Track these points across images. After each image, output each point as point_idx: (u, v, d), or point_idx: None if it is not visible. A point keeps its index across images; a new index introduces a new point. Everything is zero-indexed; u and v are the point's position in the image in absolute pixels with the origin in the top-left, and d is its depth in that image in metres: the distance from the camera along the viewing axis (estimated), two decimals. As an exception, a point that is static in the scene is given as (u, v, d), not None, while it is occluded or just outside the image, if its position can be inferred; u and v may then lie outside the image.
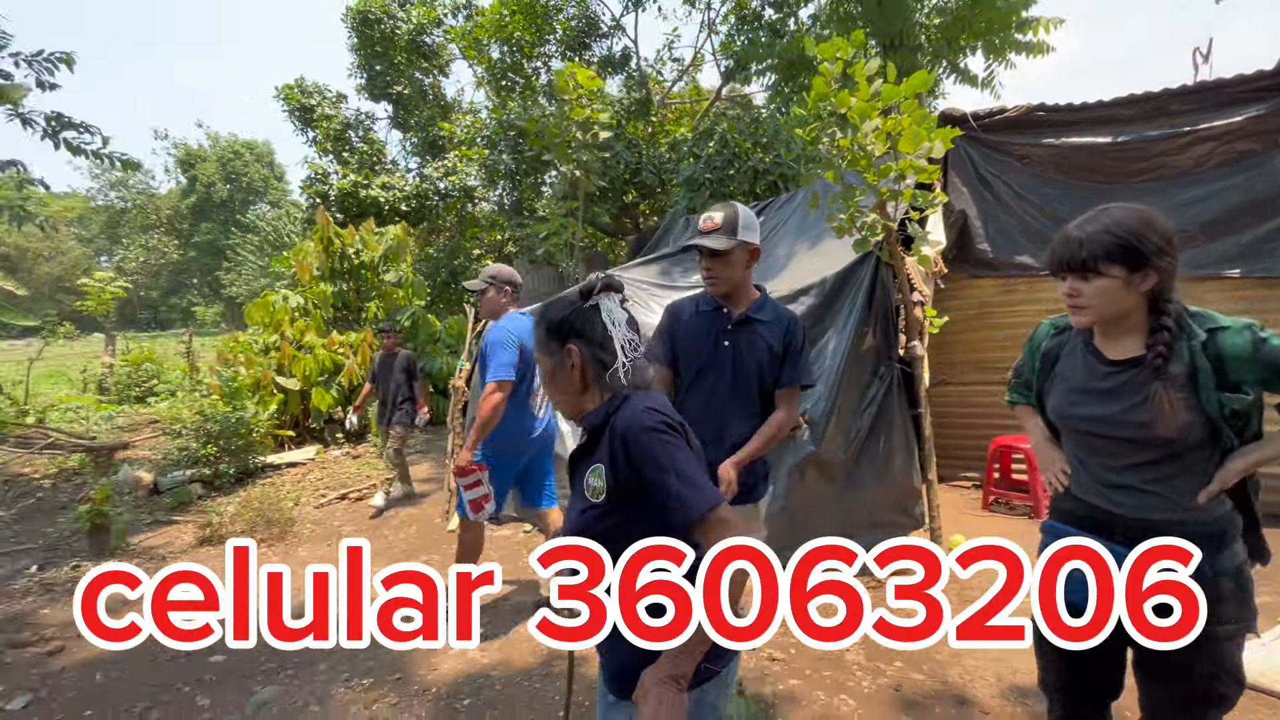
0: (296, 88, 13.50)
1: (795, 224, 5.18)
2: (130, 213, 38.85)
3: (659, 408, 1.24)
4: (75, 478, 6.58)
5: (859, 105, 3.21)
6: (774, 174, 7.61)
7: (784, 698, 2.50)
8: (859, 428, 3.75)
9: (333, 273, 8.84)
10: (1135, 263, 1.32)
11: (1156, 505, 1.38)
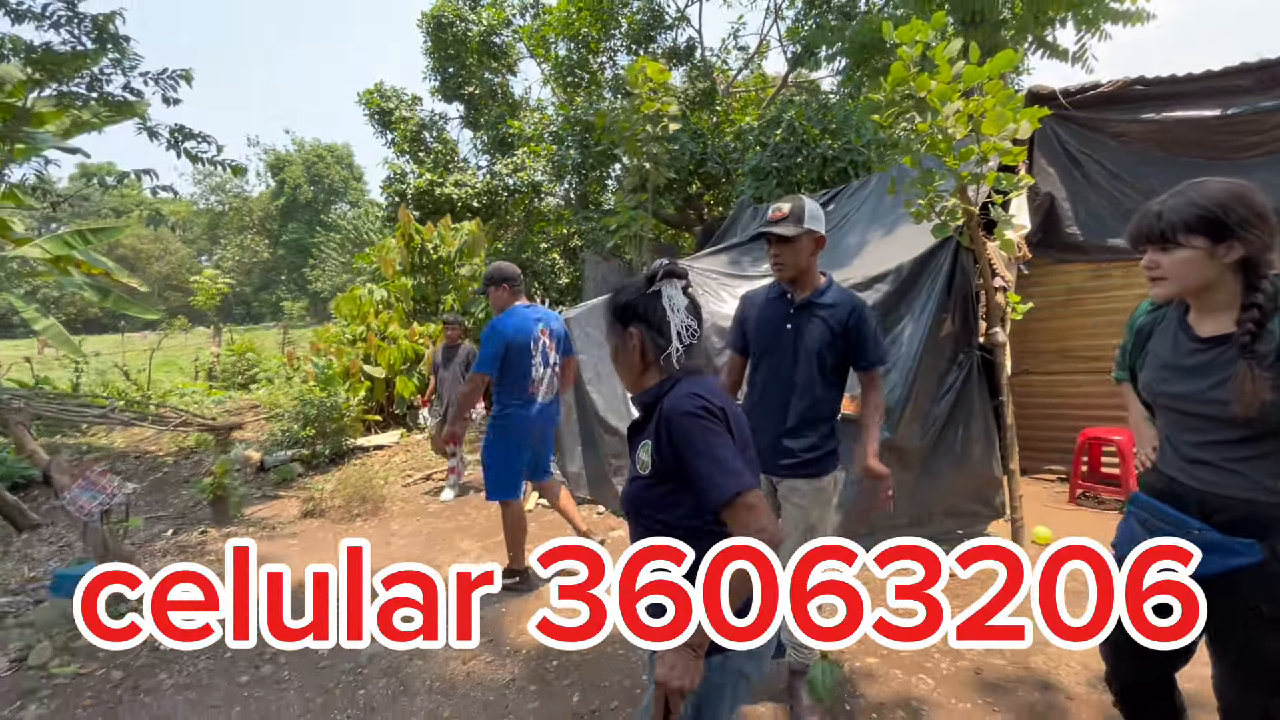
0: (376, 92, 14.21)
1: (868, 211, 5.11)
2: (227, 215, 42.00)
3: (703, 393, 1.29)
4: (193, 455, 7.28)
5: (939, 88, 3.16)
6: (844, 161, 7.47)
7: (861, 674, 2.55)
8: (936, 415, 3.70)
9: (413, 267, 9.32)
10: (1218, 234, 1.30)
11: (1234, 483, 1.36)
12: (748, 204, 7.05)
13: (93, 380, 10.58)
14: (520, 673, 2.73)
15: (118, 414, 6.24)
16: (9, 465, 5.94)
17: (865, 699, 2.39)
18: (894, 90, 3.42)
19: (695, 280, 5.00)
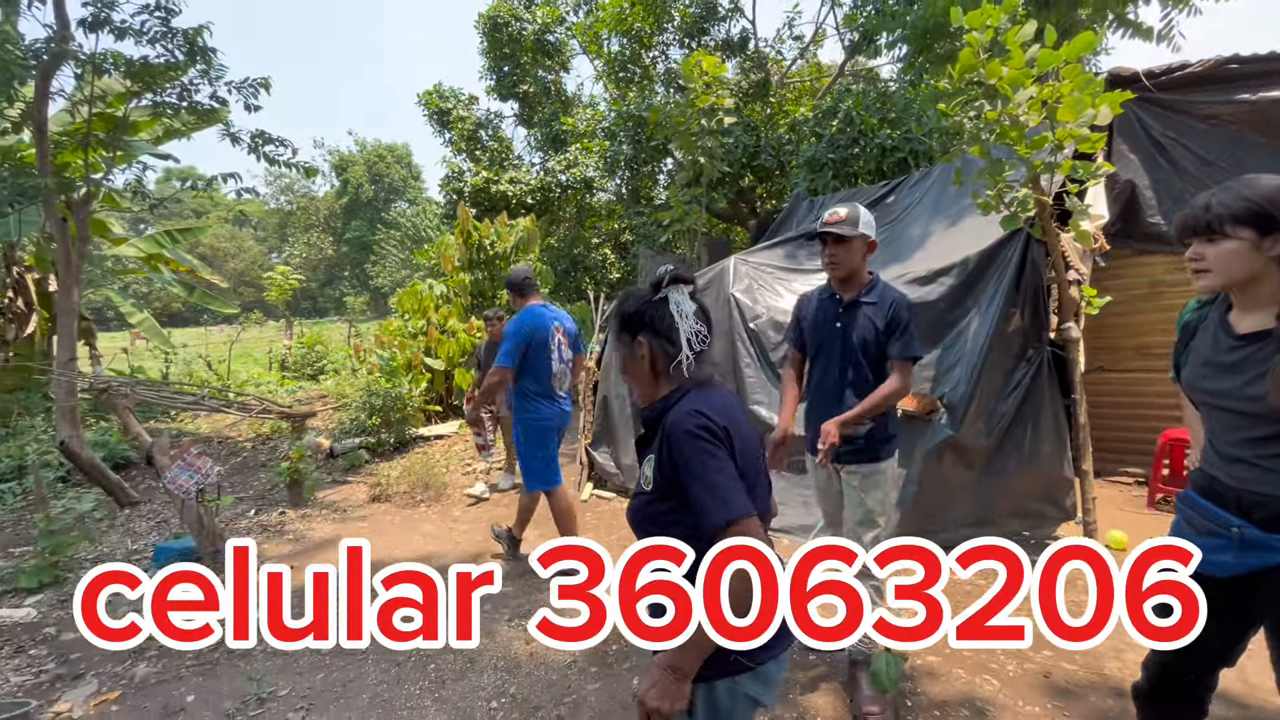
0: (435, 93, 14.65)
1: (930, 202, 4.97)
2: (295, 214, 44.13)
3: (706, 410, 1.24)
4: (269, 441, 7.74)
5: (1011, 74, 3.06)
6: (903, 151, 7.26)
7: (922, 671, 2.52)
8: (1003, 413, 3.59)
9: (470, 263, 9.60)
10: (1266, 227, 1.31)
11: (1269, 480, 1.36)
12: (803, 197, 6.95)
13: (180, 370, 11.37)
14: (581, 655, 2.82)
15: (206, 401, 6.70)
16: (111, 447, 6.47)
17: (927, 696, 2.37)
18: (961, 78, 3.33)
19: (751, 274, 5.01)
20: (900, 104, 7.56)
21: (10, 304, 7.72)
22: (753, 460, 1.29)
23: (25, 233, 7.40)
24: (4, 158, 5.71)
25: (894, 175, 6.94)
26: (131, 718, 2.53)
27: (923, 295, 3.80)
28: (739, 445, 1.24)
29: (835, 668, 2.55)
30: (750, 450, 1.28)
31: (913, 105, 7.58)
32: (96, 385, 4.49)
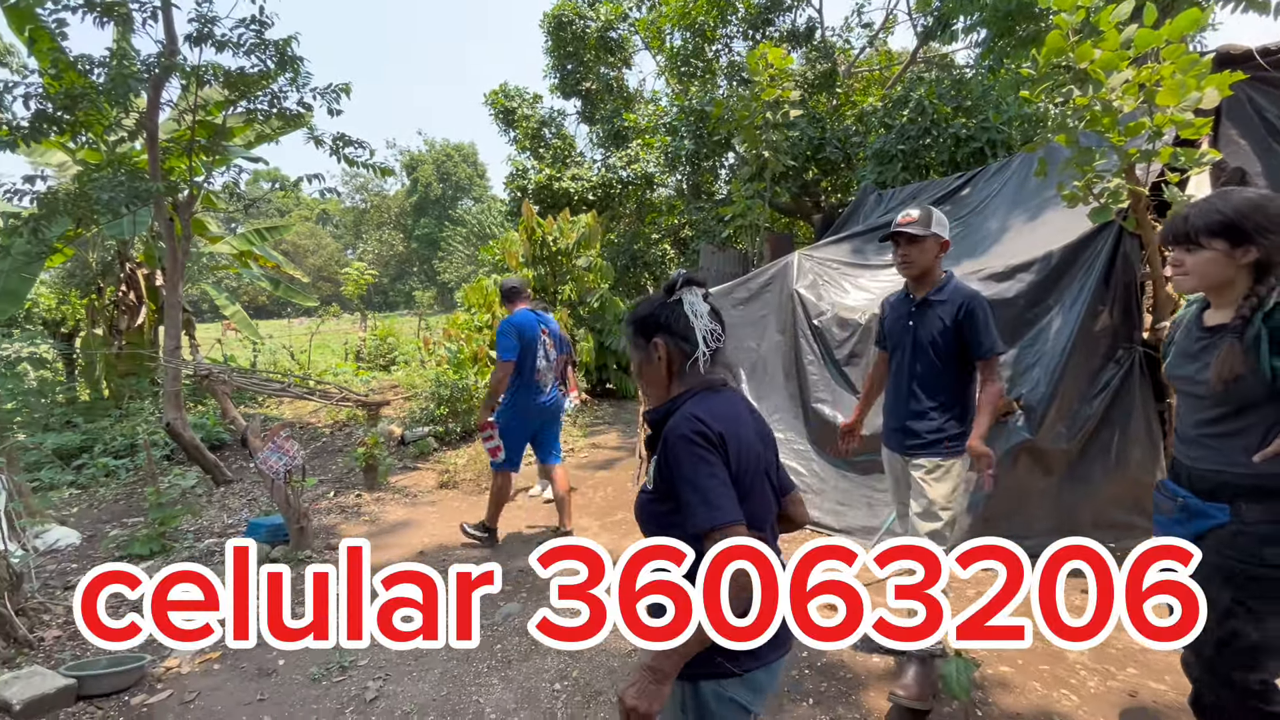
0: (501, 92, 15.03)
1: (1009, 194, 4.73)
2: (369, 212, 46.31)
3: (704, 415, 1.25)
4: (345, 428, 8.19)
5: (1104, 57, 2.88)
6: (980, 140, 6.93)
7: (994, 682, 2.43)
8: (1088, 415, 3.40)
9: (534, 259, 9.82)
10: (1236, 238, 1.48)
11: (1210, 458, 1.56)
12: (870, 190, 6.75)
13: (265, 360, 12.16)
14: (639, 647, 2.87)
15: (291, 389, 7.15)
16: (208, 429, 7.01)
17: (999, 707, 2.29)
18: (1047, 62, 3.16)
19: (816, 270, 4.92)
20: (977, 91, 7.21)
21: (123, 297, 8.47)
22: (752, 466, 1.29)
23: (137, 232, 8.09)
24: (121, 163, 6.25)
25: (969, 166, 6.63)
26: (232, 675, 2.76)
27: (999, 292, 3.64)
28: (736, 451, 1.25)
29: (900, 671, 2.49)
30: (750, 456, 1.28)
31: (991, 92, 7.21)
32: (199, 372, 4.88)
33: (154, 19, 5.32)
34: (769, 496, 1.36)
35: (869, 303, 4.43)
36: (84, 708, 2.54)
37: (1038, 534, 3.36)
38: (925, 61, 13.07)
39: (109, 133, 6.33)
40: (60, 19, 5.12)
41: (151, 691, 2.66)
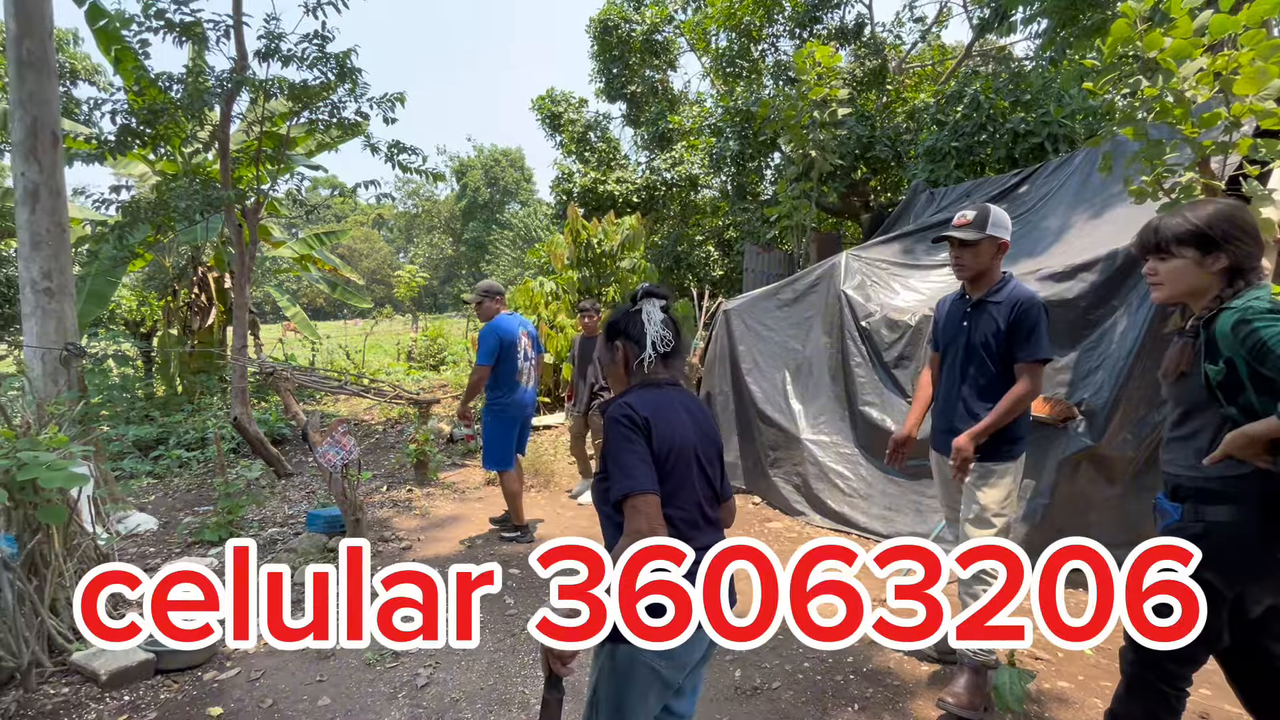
0: (547, 98, 15.28)
1: (1071, 191, 4.54)
2: (420, 217, 47.72)
3: (634, 403, 1.43)
4: (397, 425, 8.47)
5: (1176, 45, 2.74)
6: (1039, 135, 6.65)
7: (1051, 696, 2.34)
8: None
9: (579, 261, 9.94)
10: (1206, 246, 1.53)
11: (1171, 460, 1.64)
12: (922, 188, 6.57)
13: (323, 359, 12.70)
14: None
15: (348, 386, 7.45)
16: (270, 424, 7.37)
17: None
18: (1113, 52, 3.02)
19: (864, 271, 4.83)
20: (1037, 84, 6.93)
21: (196, 299, 8.99)
22: (678, 452, 1.43)
23: (209, 237, 8.58)
24: (195, 173, 6.65)
25: (1027, 163, 6.38)
26: (293, 656, 2.90)
27: (1059, 293, 3.50)
28: (660, 434, 1.41)
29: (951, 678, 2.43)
30: (678, 446, 1.43)
31: (1052, 85, 6.92)
32: (264, 370, 5.14)
33: (226, 37, 5.64)
34: (698, 483, 1.48)
35: (920, 304, 4.32)
36: (161, 681, 2.72)
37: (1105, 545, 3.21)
38: (981, 55, 12.64)
39: (185, 145, 6.74)
40: (144, 39, 5.48)
41: (221, 668, 2.82)
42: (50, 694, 2.59)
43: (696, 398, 1.63)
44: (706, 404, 5.45)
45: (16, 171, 4.36)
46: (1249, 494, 1.48)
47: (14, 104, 4.32)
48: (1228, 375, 1.48)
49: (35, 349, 4.28)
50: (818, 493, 4.47)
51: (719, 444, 1.61)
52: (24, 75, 4.29)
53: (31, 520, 2.67)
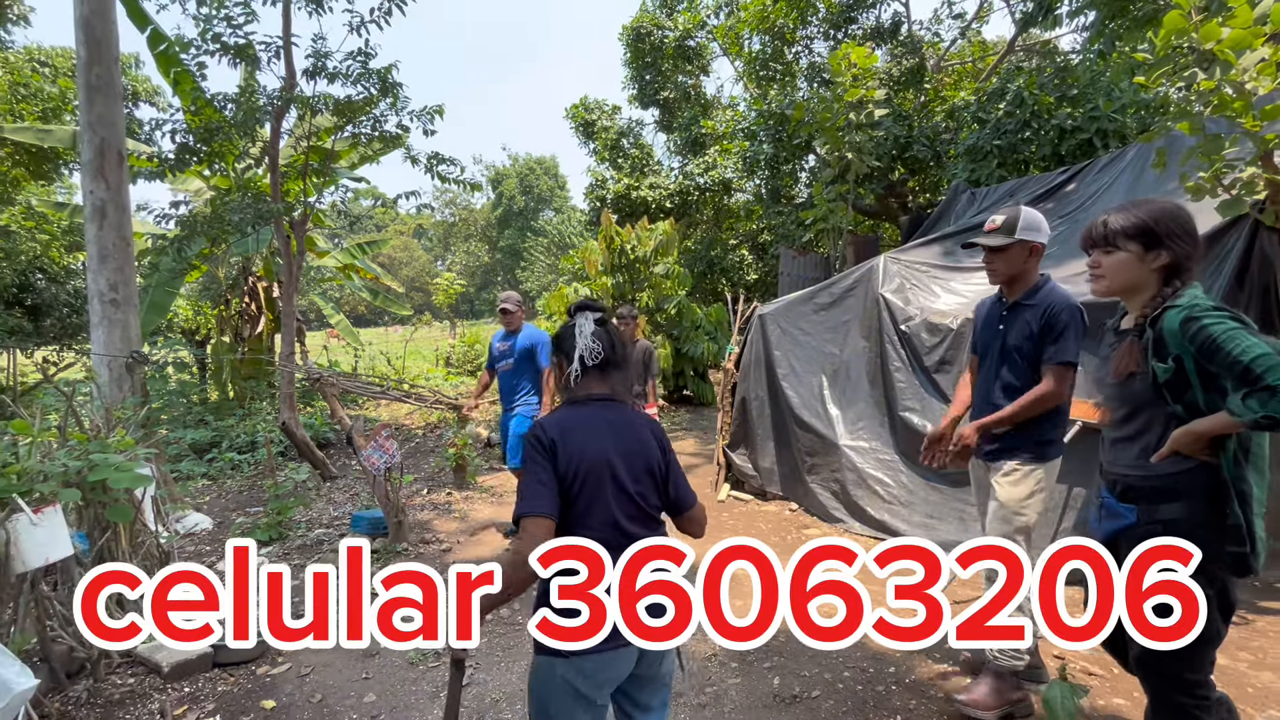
0: (581, 106, 15.46)
1: (1122, 188, 4.38)
2: (457, 225, 48.74)
3: (546, 424, 1.48)
4: (436, 429, 8.66)
5: (1235, 35, 2.63)
6: (1087, 131, 6.43)
7: (1104, 712, 2.25)
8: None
9: (612, 267, 10.01)
10: (1150, 242, 1.58)
11: (1118, 460, 1.67)
12: (962, 188, 6.42)
13: (365, 365, 13.07)
14: (721, 649, 2.87)
15: (390, 392, 7.65)
16: (316, 429, 7.62)
17: (1112, 744, 2.12)
18: (1166, 44, 2.91)
19: (903, 274, 4.74)
20: (1085, 78, 6.71)
21: (246, 308, 9.37)
22: (588, 472, 1.45)
23: (259, 249, 8.94)
24: (246, 188, 6.95)
25: (1075, 160, 6.18)
26: (340, 654, 2.99)
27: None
28: (569, 455, 1.44)
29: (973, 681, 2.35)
30: (588, 466, 1.45)
31: (1101, 79, 6.69)
32: (311, 376, 5.32)
33: (276, 57, 5.89)
34: (614, 502, 1.47)
35: (961, 307, 4.23)
36: (219, 674, 2.84)
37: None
38: (1024, 50, 12.29)
39: (238, 160, 7.05)
40: (201, 62, 5.76)
41: (274, 663, 2.93)
42: (117, 684, 2.74)
43: (631, 412, 1.59)
44: (742, 410, 5.42)
45: (86, 189, 4.63)
46: (1196, 488, 1.52)
47: (84, 126, 4.59)
48: (1175, 373, 1.52)
49: (102, 357, 4.53)
50: (857, 500, 4.40)
51: (655, 458, 1.55)
52: (93, 99, 4.56)
53: (101, 519, 2.82)
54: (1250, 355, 1.39)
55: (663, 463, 1.57)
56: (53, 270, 9.92)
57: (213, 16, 5.51)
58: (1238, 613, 2.79)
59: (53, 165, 9.86)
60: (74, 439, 2.83)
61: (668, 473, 1.58)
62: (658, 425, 1.64)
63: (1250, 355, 1.39)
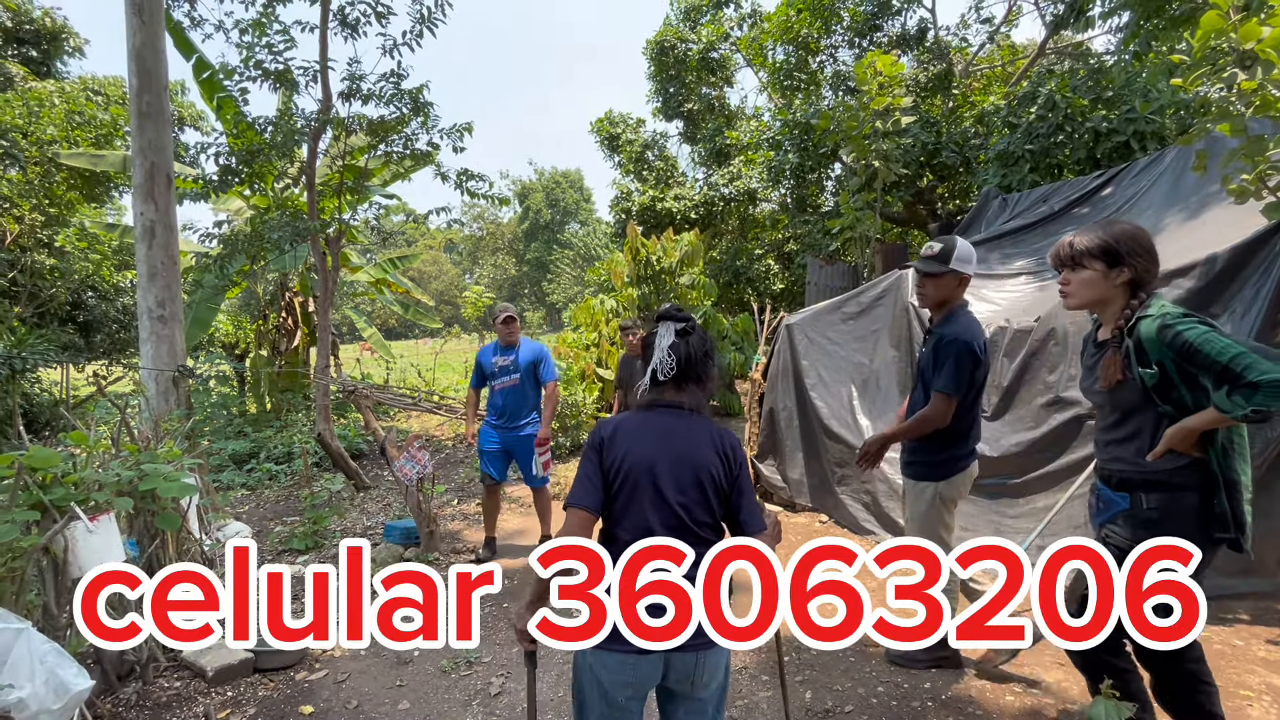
0: (606, 120, 15.64)
1: (1163, 191, 4.27)
2: (485, 239, 49.62)
3: (602, 423, 1.55)
4: (466, 440, 8.78)
5: (1275, 34, 2.56)
6: (1123, 134, 6.29)
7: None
8: (1268, 439, 2.97)
9: (638, 278, 10.07)
10: (1113, 260, 1.75)
11: (1115, 457, 1.82)
12: (993, 194, 6.32)
13: (396, 377, 13.33)
14: (752, 662, 2.84)
15: (422, 404, 7.79)
16: (349, 440, 7.79)
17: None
18: (1204, 45, 2.85)
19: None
20: (1120, 80, 6.57)
21: (283, 322, 9.66)
22: (632, 471, 1.47)
23: (296, 265, 9.22)
24: (284, 206, 7.19)
25: (1111, 163, 6.04)
26: (376, 661, 3.05)
27: (1152, 300, 3.29)
28: (614, 454, 1.48)
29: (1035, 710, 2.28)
30: (628, 469, 1.47)
31: (1137, 80, 6.54)
32: (346, 388, 5.45)
33: (314, 81, 6.10)
34: (650, 508, 1.46)
35: (994, 315, 4.15)
36: (259, 679, 2.92)
37: (1219, 574, 2.96)
38: (1055, 53, 12.08)
39: (277, 180, 7.31)
40: (243, 88, 6.00)
41: (311, 670, 3.00)
42: (164, 687, 2.83)
43: (697, 421, 1.55)
44: (770, 421, 5.38)
45: (136, 211, 4.85)
46: (1188, 483, 1.68)
47: (135, 151, 4.83)
48: (1160, 377, 1.66)
49: (150, 370, 4.72)
50: (889, 511, 4.32)
51: (712, 470, 1.48)
52: (144, 125, 4.79)
53: (150, 526, 2.93)
54: (1228, 355, 1.53)
55: (724, 477, 1.50)
56: (103, 288, 10.37)
57: (254, 44, 5.75)
58: None
59: (104, 188, 10.35)
60: (125, 450, 2.95)
61: (732, 489, 1.51)
62: (730, 437, 1.57)
63: (1228, 355, 1.53)
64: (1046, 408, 3.65)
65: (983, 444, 3.71)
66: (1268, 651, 2.68)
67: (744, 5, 14.26)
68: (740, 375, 9.92)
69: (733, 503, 1.51)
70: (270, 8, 5.87)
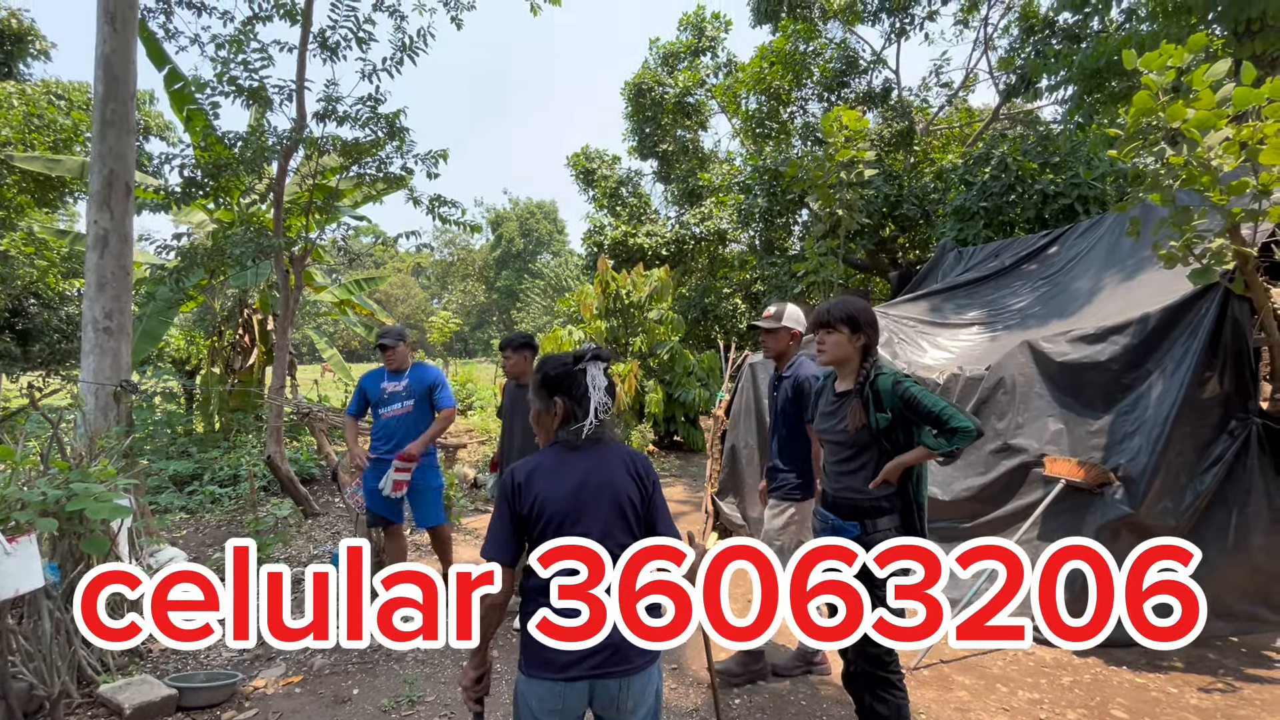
0: (582, 154, 15.92)
1: (1102, 253, 4.53)
2: (455, 265, 49.35)
3: (517, 468, 1.54)
4: (424, 468, 8.56)
5: (1199, 116, 2.79)
6: (1069, 197, 6.70)
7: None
8: (1199, 491, 3.12)
9: (607, 311, 10.13)
10: (854, 327, 2.18)
11: (845, 487, 2.19)
12: (950, 246, 6.62)
13: (355, 400, 12.99)
14: (703, 703, 2.80)
15: (377, 428, 7.58)
16: (301, 464, 7.52)
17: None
18: (1137, 122, 3.08)
19: (892, 328, 4.83)
20: (1066, 147, 7.02)
21: (239, 339, 9.37)
22: (551, 518, 1.48)
23: (256, 282, 9.00)
24: (249, 222, 7.06)
25: (1058, 223, 6.41)
26: (311, 700, 2.89)
27: (1090, 355, 3.46)
28: (530, 498, 1.49)
29: None
30: (550, 510, 1.48)
31: (1081, 148, 7.00)
32: (301, 410, 5.29)
33: (289, 100, 6.08)
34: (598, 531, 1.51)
35: (948, 362, 4.30)
36: (181, 718, 2.73)
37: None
38: (1009, 118, 12.85)
39: (243, 196, 7.18)
40: (215, 102, 5.94)
41: (240, 708, 2.82)
42: (74, 726, 2.63)
43: (610, 449, 1.59)
44: (731, 458, 5.41)
45: (90, 219, 4.70)
46: (894, 507, 2.11)
47: (94, 158, 4.70)
48: (890, 421, 2.08)
49: (90, 384, 4.50)
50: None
51: (626, 493, 1.54)
52: (106, 133, 4.68)
53: (75, 550, 2.77)
54: (938, 407, 1.98)
55: (640, 500, 1.56)
56: (47, 296, 9.93)
57: (230, 60, 5.71)
58: (1225, 680, 2.77)
59: (58, 194, 10.01)
60: (55, 467, 2.80)
61: (647, 508, 1.58)
62: (641, 459, 1.61)
63: (938, 407, 1.98)
64: (996, 454, 3.76)
65: (935, 488, 3.80)
66: (1199, 699, 2.76)
67: (720, 55, 14.84)
68: (705, 411, 9.99)
69: (649, 519, 1.59)
70: (250, 26, 5.86)
